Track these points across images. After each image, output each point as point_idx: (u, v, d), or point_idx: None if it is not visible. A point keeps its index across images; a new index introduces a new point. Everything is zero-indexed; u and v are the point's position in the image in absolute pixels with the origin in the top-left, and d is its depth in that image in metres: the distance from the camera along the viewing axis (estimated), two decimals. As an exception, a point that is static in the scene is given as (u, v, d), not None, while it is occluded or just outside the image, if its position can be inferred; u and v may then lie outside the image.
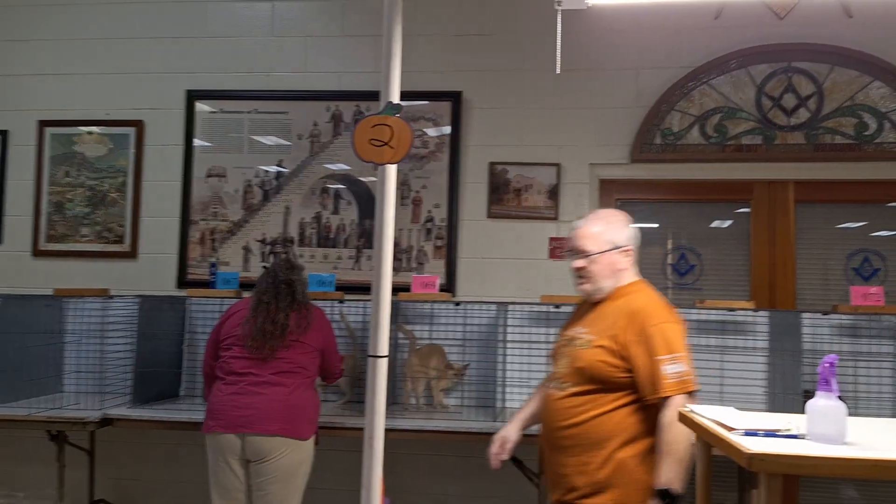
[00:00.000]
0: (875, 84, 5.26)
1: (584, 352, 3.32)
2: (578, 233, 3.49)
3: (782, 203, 5.46)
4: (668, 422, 3.13)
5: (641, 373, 3.21)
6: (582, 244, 3.45)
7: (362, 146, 2.53)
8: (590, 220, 3.54)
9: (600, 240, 3.44)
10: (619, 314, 3.32)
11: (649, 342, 3.21)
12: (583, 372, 3.30)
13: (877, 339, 4.99)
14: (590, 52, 5.52)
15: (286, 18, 5.83)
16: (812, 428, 2.56)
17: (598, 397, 3.28)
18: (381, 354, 2.61)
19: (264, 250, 5.71)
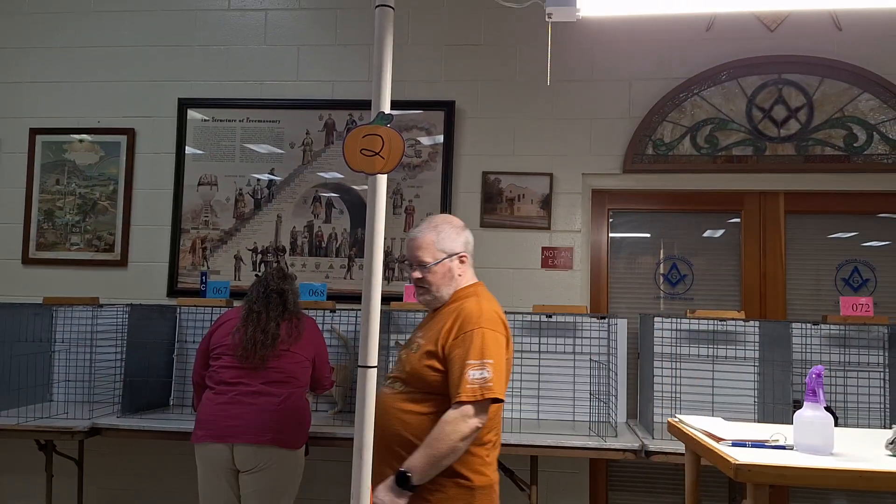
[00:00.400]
0: (864, 96, 5.28)
1: (413, 356, 3.34)
2: (414, 243, 3.45)
3: (773, 214, 5.47)
4: (447, 419, 3.13)
5: (451, 374, 3.20)
6: (418, 255, 3.41)
7: (353, 156, 2.53)
8: (423, 229, 3.47)
9: (435, 249, 3.41)
10: (448, 318, 3.32)
11: (465, 345, 3.19)
12: (411, 376, 3.32)
13: (866, 350, 5.00)
14: (583, 63, 5.54)
15: (279, 27, 5.84)
16: (799, 439, 2.57)
17: (426, 398, 3.27)
18: (370, 365, 2.60)
19: (255, 259, 5.70)
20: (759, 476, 2.34)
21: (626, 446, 4.42)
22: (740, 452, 2.49)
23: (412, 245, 3.44)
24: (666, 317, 5.19)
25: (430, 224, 3.48)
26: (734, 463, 2.36)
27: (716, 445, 2.62)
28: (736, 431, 2.82)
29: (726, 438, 2.67)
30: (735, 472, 2.35)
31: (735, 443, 2.62)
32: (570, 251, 5.46)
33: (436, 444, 3.10)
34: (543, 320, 5.27)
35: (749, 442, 2.62)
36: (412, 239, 3.45)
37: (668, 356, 5.11)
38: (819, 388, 2.56)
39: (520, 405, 5.22)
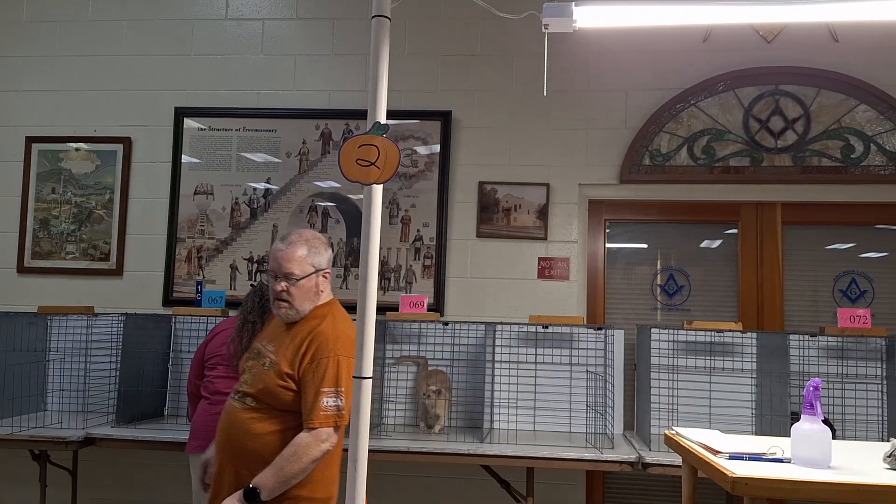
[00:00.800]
0: (861, 107, 5.28)
1: (266, 374, 3.30)
2: (283, 255, 3.39)
3: (770, 225, 5.47)
4: (300, 442, 3.17)
5: (305, 399, 3.22)
6: (288, 267, 3.36)
7: (349, 166, 2.52)
8: (294, 242, 3.42)
9: (305, 264, 3.39)
10: (305, 339, 3.31)
11: (320, 371, 3.22)
12: (264, 393, 3.28)
13: (864, 361, 4.99)
14: (580, 74, 5.54)
15: (276, 37, 5.84)
16: (797, 452, 2.55)
17: (277, 416, 3.26)
18: (365, 376, 2.59)
19: (251, 269, 5.68)
20: (756, 489, 2.33)
21: (623, 458, 4.41)
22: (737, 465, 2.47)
23: (282, 256, 3.38)
24: (663, 328, 5.18)
25: (301, 237, 3.45)
26: (731, 476, 2.34)
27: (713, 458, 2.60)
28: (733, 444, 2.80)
29: (723, 451, 2.66)
30: (732, 485, 2.33)
31: (732, 456, 2.61)
32: (566, 262, 5.45)
33: (287, 465, 3.14)
34: (540, 331, 5.26)
35: (746, 455, 2.61)
36: (282, 250, 3.40)
37: (665, 368, 5.10)
38: (817, 400, 2.55)
39: (516, 416, 5.21)
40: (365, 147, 2.52)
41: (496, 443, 4.64)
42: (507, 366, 5.26)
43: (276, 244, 3.46)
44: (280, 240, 3.46)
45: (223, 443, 3.37)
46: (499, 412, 5.22)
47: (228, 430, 3.35)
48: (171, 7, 5.95)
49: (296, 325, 3.39)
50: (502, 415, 5.23)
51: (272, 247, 3.48)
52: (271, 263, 3.42)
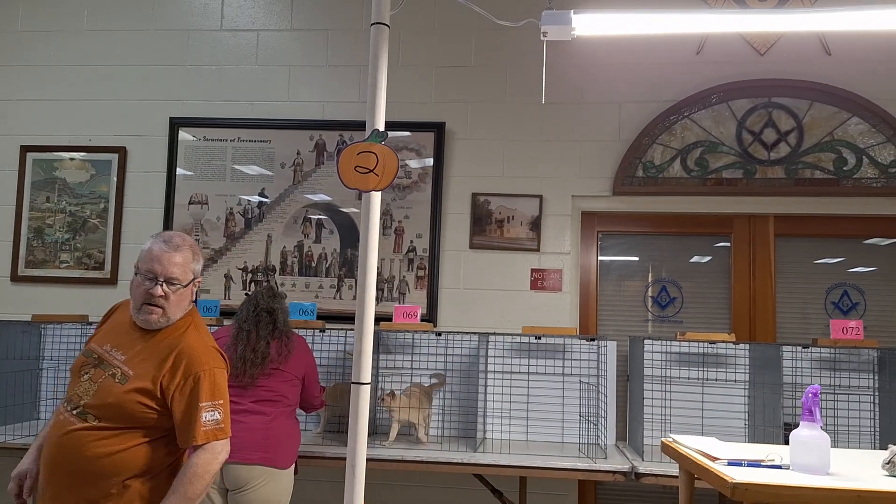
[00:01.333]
0: (854, 120, 5.31)
1: (118, 388, 3.02)
2: (168, 257, 3.13)
3: (762, 237, 5.49)
4: (198, 462, 3.03)
5: (180, 418, 3.05)
6: (172, 271, 3.12)
7: (347, 173, 2.53)
8: (180, 246, 3.19)
9: (188, 269, 3.20)
10: (169, 353, 3.10)
11: (196, 387, 3.06)
12: (113, 409, 3.01)
13: (856, 373, 5.01)
14: (573, 86, 5.56)
15: (270, 48, 5.85)
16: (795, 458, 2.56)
17: (125, 433, 3.02)
18: (363, 381, 2.60)
19: (246, 278, 5.68)
20: (756, 495, 2.34)
21: (616, 468, 4.41)
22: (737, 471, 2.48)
23: (167, 259, 3.12)
24: (656, 339, 5.19)
25: (185, 241, 3.25)
26: (731, 481, 2.35)
27: (711, 464, 2.61)
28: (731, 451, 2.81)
29: (722, 457, 2.66)
30: (732, 490, 2.34)
31: (731, 462, 2.62)
32: (559, 273, 5.46)
33: (190, 487, 3.00)
34: (532, 342, 5.27)
35: (745, 461, 2.62)
36: (166, 252, 3.13)
37: (657, 378, 5.11)
38: (815, 407, 2.56)
39: (509, 426, 5.21)
40: (364, 154, 2.53)
41: (489, 452, 4.64)
42: (500, 376, 5.26)
43: (156, 244, 3.16)
44: (161, 240, 3.18)
45: (55, 467, 3.03)
46: (492, 422, 5.23)
47: (64, 454, 3.00)
48: (166, 18, 5.96)
49: (153, 334, 3.17)
50: (495, 425, 5.23)
51: (150, 245, 3.17)
52: (150, 264, 3.11)
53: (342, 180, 2.53)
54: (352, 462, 2.56)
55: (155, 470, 3.07)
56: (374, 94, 2.63)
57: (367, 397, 2.60)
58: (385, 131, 2.58)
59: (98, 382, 3.04)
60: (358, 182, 2.53)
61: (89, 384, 3.05)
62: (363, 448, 2.58)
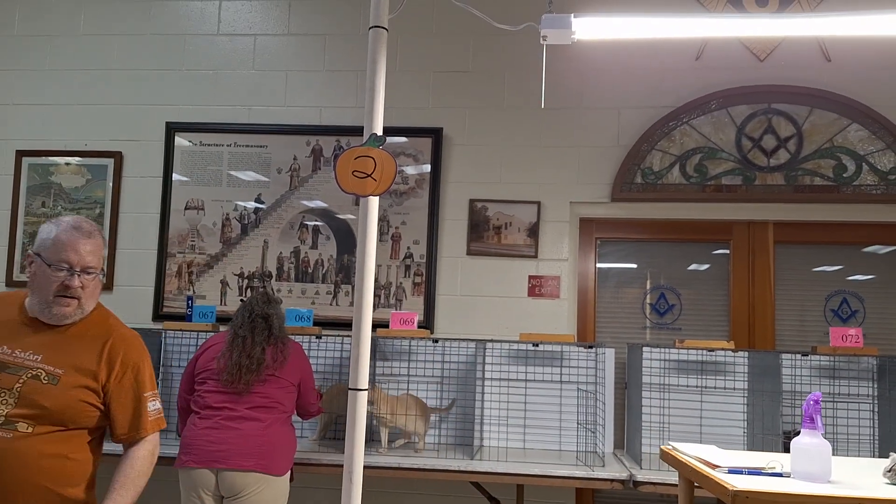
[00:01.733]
0: (853, 127, 5.29)
1: (53, 390, 2.79)
2: (84, 245, 2.86)
3: (762, 243, 5.47)
4: (142, 455, 2.98)
5: (124, 411, 2.93)
6: (89, 260, 2.86)
7: (345, 178, 2.51)
8: (92, 232, 2.93)
9: (100, 256, 2.96)
10: (101, 346, 2.92)
11: (138, 377, 2.96)
12: (53, 413, 2.78)
13: (856, 381, 4.99)
14: (572, 91, 5.53)
15: (267, 53, 5.83)
16: (796, 466, 2.54)
17: (73, 437, 2.86)
18: (361, 387, 2.57)
19: (242, 284, 5.65)
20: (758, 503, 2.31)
21: (614, 476, 4.38)
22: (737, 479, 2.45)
23: (81, 246, 2.86)
24: (654, 346, 5.17)
25: (93, 227, 2.97)
26: (732, 489, 2.33)
27: (712, 472, 2.58)
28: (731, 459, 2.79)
29: (722, 465, 2.64)
30: (733, 498, 2.31)
31: (731, 470, 2.59)
32: (557, 280, 5.44)
33: (138, 482, 2.98)
34: (530, 349, 5.25)
35: (745, 469, 2.59)
36: (80, 239, 2.86)
37: (656, 386, 5.09)
38: (817, 414, 2.53)
39: (506, 434, 5.19)
40: (361, 159, 2.51)
41: (486, 459, 4.62)
42: (498, 383, 5.24)
43: (64, 231, 2.86)
44: (70, 226, 2.88)
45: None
46: (489, 429, 5.20)
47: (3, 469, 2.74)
48: (163, 22, 5.93)
49: (64, 329, 2.91)
50: (492, 432, 5.21)
51: (56, 233, 2.86)
52: (63, 254, 2.82)
53: (340, 185, 2.51)
54: (349, 468, 2.53)
55: (93, 475, 3.00)
56: (373, 99, 2.61)
57: (364, 403, 2.58)
58: (383, 136, 2.56)
59: (16, 388, 2.76)
60: (356, 187, 2.51)
61: (10, 395, 2.74)
62: (360, 454, 2.56)
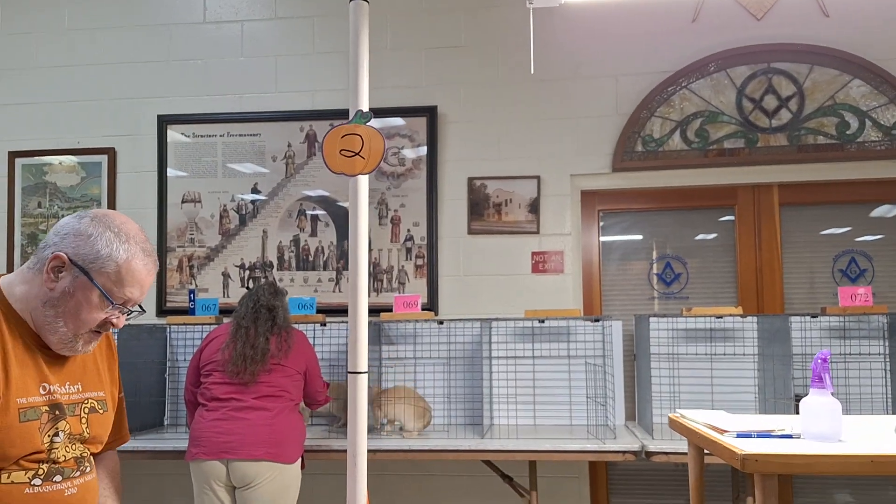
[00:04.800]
0: (855, 82, 5.22)
1: (108, 416, 2.47)
2: (153, 276, 2.33)
3: (767, 207, 5.40)
4: (117, 461, 2.65)
5: (118, 416, 2.60)
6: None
7: (332, 158, 2.46)
8: (154, 256, 2.34)
9: None
10: (94, 356, 2.46)
11: (118, 379, 2.59)
12: (105, 441, 2.51)
13: (866, 340, 4.94)
14: (567, 61, 5.46)
15: (255, 38, 5.76)
16: (806, 426, 2.49)
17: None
18: (360, 370, 2.53)
19: (243, 275, 5.61)
20: (767, 466, 2.26)
21: (626, 448, 4.34)
22: (746, 443, 2.40)
23: (150, 279, 2.32)
24: (661, 316, 5.12)
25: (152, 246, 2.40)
26: (740, 453, 2.27)
27: (720, 437, 2.53)
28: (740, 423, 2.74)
29: (731, 430, 2.59)
30: (742, 462, 2.26)
31: (740, 434, 2.54)
32: (560, 255, 5.38)
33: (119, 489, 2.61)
34: (536, 325, 5.20)
35: (754, 433, 2.54)
36: (151, 272, 2.31)
37: (665, 356, 5.04)
38: (825, 373, 2.48)
39: (515, 411, 5.15)
40: (348, 137, 2.46)
41: (497, 438, 4.58)
42: (505, 362, 5.20)
43: (139, 257, 2.25)
44: (143, 252, 2.27)
45: None
46: (498, 408, 5.17)
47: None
48: (147, 12, 5.86)
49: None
50: (502, 410, 5.17)
51: (129, 258, 2.22)
52: (132, 289, 2.24)
53: (328, 165, 2.46)
54: (353, 452, 2.50)
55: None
56: (357, 74, 2.56)
57: (364, 387, 2.55)
58: (369, 112, 2.50)
59: (81, 431, 2.33)
60: (344, 166, 2.45)
61: (69, 440, 2.28)
62: (363, 438, 2.52)
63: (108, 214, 2.28)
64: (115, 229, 2.23)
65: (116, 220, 2.27)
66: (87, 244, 2.19)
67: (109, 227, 2.23)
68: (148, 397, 5.15)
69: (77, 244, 2.19)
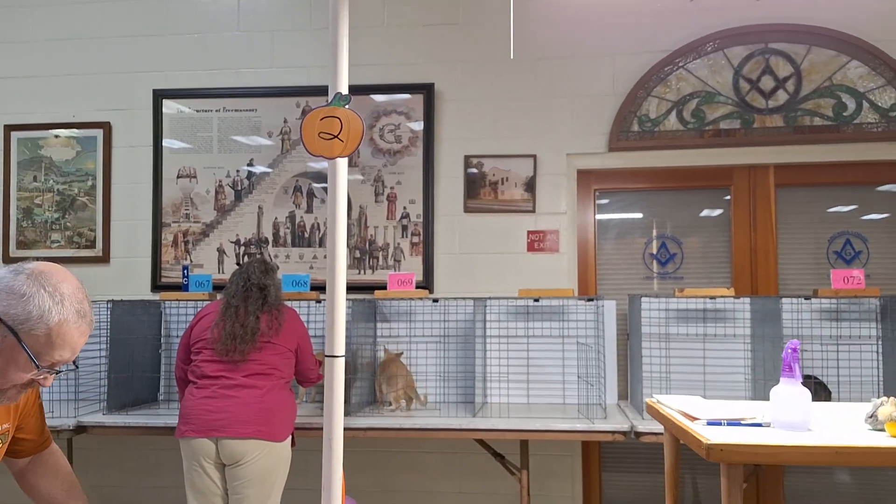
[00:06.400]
0: (853, 63, 5.18)
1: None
2: (85, 337, 2.27)
3: (763, 188, 5.38)
4: (63, 454, 2.77)
5: (42, 425, 2.68)
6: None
7: (311, 140, 2.45)
8: (91, 316, 2.28)
9: None
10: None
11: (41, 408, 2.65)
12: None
13: (858, 322, 4.93)
14: (564, 39, 5.44)
15: (252, 12, 5.73)
16: (776, 415, 2.50)
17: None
18: (337, 354, 2.54)
19: (238, 252, 5.62)
20: (732, 455, 2.26)
21: (616, 428, 4.35)
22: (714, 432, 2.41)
23: (83, 341, 2.27)
24: (654, 297, 5.11)
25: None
26: (706, 443, 2.28)
27: (689, 425, 2.54)
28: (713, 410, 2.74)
29: (701, 418, 2.59)
30: (707, 451, 2.27)
31: (710, 422, 2.55)
32: (556, 234, 5.37)
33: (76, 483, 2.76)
34: (530, 304, 5.20)
35: (724, 420, 2.55)
36: (84, 334, 2.25)
37: (657, 336, 5.04)
38: (795, 363, 2.48)
39: (508, 390, 5.16)
40: (327, 119, 2.46)
41: (489, 416, 4.60)
42: (499, 340, 5.21)
43: (73, 321, 2.16)
44: (78, 314, 2.19)
45: None
46: (491, 386, 5.18)
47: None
48: (145, -14, 5.86)
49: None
50: (494, 389, 5.19)
51: (62, 320, 2.14)
52: (62, 352, 2.17)
53: (307, 148, 2.46)
54: (328, 433, 2.51)
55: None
56: (336, 55, 2.54)
57: (341, 369, 2.55)
58: (348, 95, 2.49)
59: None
60: (322, 149, 2.45)
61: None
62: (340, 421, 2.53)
63: (45, 272, 2.19)
64: (49, 289, 2.14)
65: (53, 279, 2.18)
66: (20, 304, 2.10)
67: (44, 287, 2.14)
68: (141, 373, 5.17)
69: (9, 303, 2.10)
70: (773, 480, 5.20)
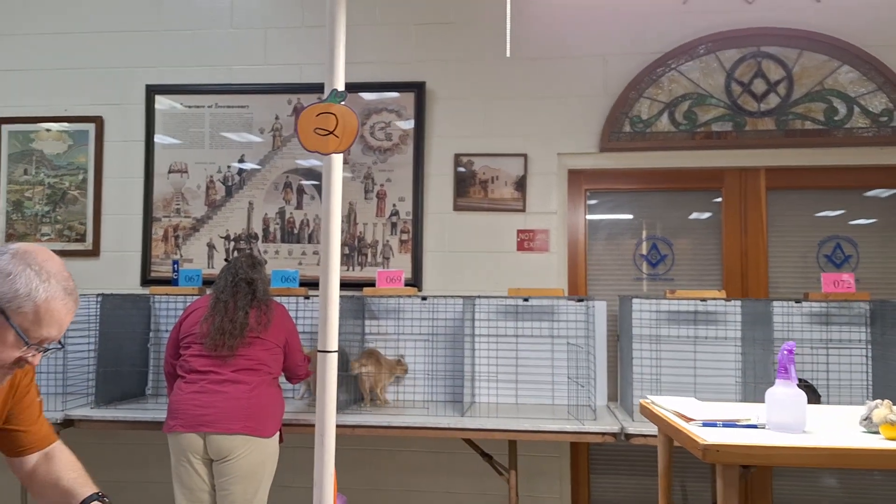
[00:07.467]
0: (844, 69, 5.19)
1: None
2: (72, 315, 2.26)
3: (754, 190, 5.39)
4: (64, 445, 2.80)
5: (42, 424, 2.69)
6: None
7: (307, 136, 2.45)
8: (76, 294, 2.26)
9: None
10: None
11: (32, 385, 2.59)
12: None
13: (848, 326, 4.94)
14: (557, 40, 5.44)
15: (245, 9, 5.72)
16: (771, 417, 2.50)
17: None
18: (330, 349, 2.53)
19: (228, 247, 5.61)
20: (728, 456, 2.27)
21: (605, 429, 4.35)
22: (709, 432, 2.41)
23: (70, 318, 2.25)
24: (645, 298, 5.12)
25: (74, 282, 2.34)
26: (702, 443, 2.28)
27: (685, 426, 2.54)
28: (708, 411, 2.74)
29: (696, 419, 2.60)
30: (703, 452, 2.27)
31: (705, 423, 2.55)
32: (546, 233, 5.37)
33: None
34: (520, 304, 5.20)
35: (720, 422, 2.55)
36: (71, 311, 2.24)
37: (647, 338, 5.04)
38: (791, 364, 2.49)
39: (496, 390, 5.16)
40: (323, 115, 2.45)
41: (477, 416, 4.59)
42: (487, 339, 5.20)
43: (57, 296, 2.16)
44: (62, 289, 2.18)
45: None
46: (479, 386, 5.18)
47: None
48: (139, -19, 5.84)
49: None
50: (483, 388, 5.18)
51: (49, 298, 2.14)
52: (49, 329, 2.18)
53: (302, 144, 2.45)
54: (321, 430, 2.49)
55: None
56: (333, 52, 2.53)
57: (334, 366, 2.53)
58: (344, 91, 2.49)
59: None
60: (318, 145, 2.44)
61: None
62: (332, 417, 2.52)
63: (30, 251, 2.19)
64: (35, 267, 2.15)
65: (39, 258, 2.19)
66: (6, 283, 2.11)
67: (30, 265, 2.15)
68: (130, 367, 5.16)
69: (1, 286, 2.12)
70: (762, 484, 5.22)
